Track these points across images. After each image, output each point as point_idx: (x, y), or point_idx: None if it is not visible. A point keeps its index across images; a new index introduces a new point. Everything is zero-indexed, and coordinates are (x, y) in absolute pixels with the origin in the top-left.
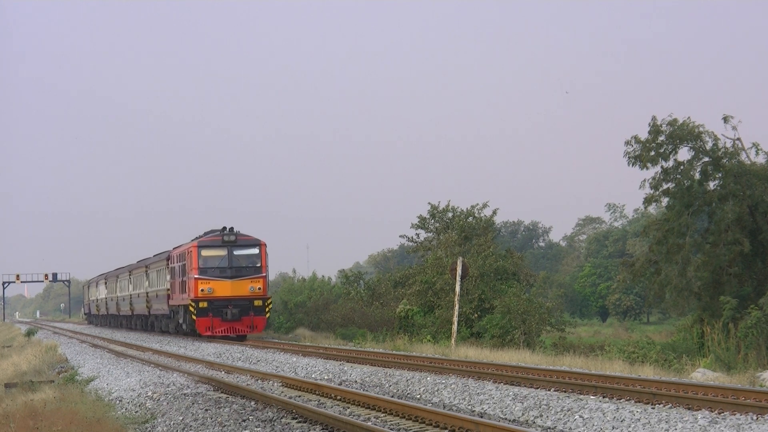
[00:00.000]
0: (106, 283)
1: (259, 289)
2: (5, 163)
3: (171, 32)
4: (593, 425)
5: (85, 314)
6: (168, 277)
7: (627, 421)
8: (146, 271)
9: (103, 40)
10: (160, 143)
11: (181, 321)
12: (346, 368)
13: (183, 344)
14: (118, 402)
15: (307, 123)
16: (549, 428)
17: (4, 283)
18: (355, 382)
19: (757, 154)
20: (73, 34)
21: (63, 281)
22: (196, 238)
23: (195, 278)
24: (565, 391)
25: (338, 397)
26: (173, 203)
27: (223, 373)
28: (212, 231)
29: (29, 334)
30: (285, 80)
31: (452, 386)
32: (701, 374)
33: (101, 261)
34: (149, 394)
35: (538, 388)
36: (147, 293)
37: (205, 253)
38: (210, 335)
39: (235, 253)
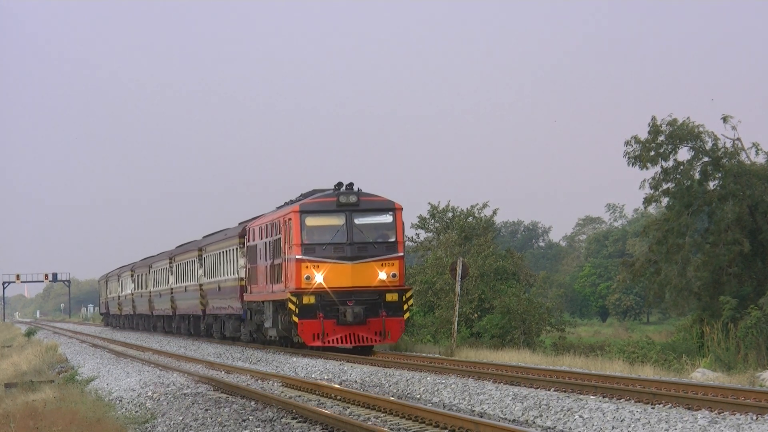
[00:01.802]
0: (132, 276)
1: (394, 276)
2: (5, 163)
3: (171, 30)
4: (593, 425)
5: (101, 314)
6: (241, 262)
7: (627, 421)
8: (200, 255)
9: (103, 40)
10: (160, 143)
11: (267, 324)
12: (346, 368)
13: (183, 344)
14: (118, 402)
15: (308, 120)
16: (549, 428)
17: (4, 283)
18: (355, 382)
19: (757, 154)
20: (74, 34)
21: (63, 281)
22: (293, 201)
23: (297, 260)
24: (565, 391)
25: (338, 397)
26: (174, 203)
27: (223, 373)
28: (316, 191)
29: (29, 334)
30: (286, 80)
31: (452, 386)
32: (701, 374)
33: (101, 261)
34: (149, 394)
35: (538, 388)
36: (201, 286)
37: (311, 221)
38: (320, 345)
39: (358, 221)
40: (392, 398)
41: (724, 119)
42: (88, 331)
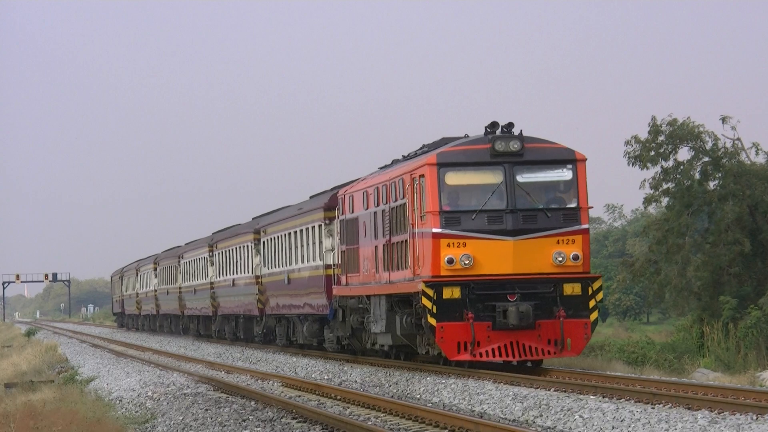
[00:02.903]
0: (155, 270)
1: (576, 258)
2: (5, 162)
3: (170, 28)
4: (593, 425)
5: (114, 314)
6: (327, 244)
7: (627, 421)
8: (257, 239)
9: (104, 40)
10: (160, 143)
11: (374, 327)
12: (346, 368)
13: (183, 344)
14: (118, 402)
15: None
16: (549, 428)
17: (4, 283)
18: (355, 382)
19: (757, 154)
20: (74, 33)
21: (63, 281)
22: (420, 151)
23: (434, 235)
24: (565, 391)
25: (338, 397)
26: (174, 203)
27: (223, 373)
28: (453, 138)
29: (29, 334)
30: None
31: (452, 386)
32: (701, 374)
33: (101, 261)
34: (149, 394)
35: (538, 388)
36: (257, 278)
37: (454, 178)
38: (469, 360)
39: (523, 178)
40: (392, 398)
41: (723, 119)
42: (88, 331)
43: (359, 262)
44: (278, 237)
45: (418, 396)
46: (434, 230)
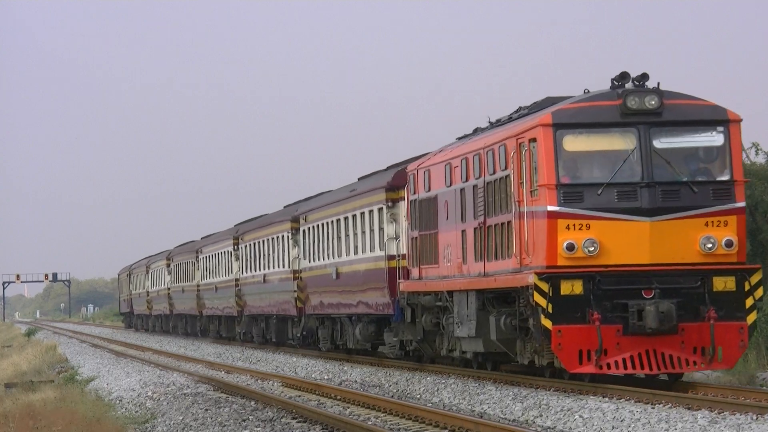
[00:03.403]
0: (168, 266)
1: (730, 244)
2: (5, 162)
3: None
4: (593, 425)
5: (122, 314)
6: (390, 230)
7: (627, 421)
8: (294, 228)
9: (103, 40)
10: (160, 143)
11: (459, 331)
12: (346, 368)
13: (183, 344)
14: (118, 402)
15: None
16: (549, 428)
17: (4, 283)
18: (355, 382)
19: (757, 154)
20: (74, 33)
21: (63, 281)
22: (527, 112)
23: (549, 214)
24: (565, 391)
25: (338, 397)
26: (174, 203)
27: (223, 373)
28: (561, 98)
29: (29, 334)
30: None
31: (452, 386)
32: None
33: (101, 261)
34: (149, 394)
35: (538, 388)
36: (295, 273)
37: (575, 142)
38: (595, 372)
39: (660, 144)
40: (392, 398)
41: None
42: (88, 331)
43: (438, 250)
44: (323, 225)
45: (418, 396)
46: (550, 208)
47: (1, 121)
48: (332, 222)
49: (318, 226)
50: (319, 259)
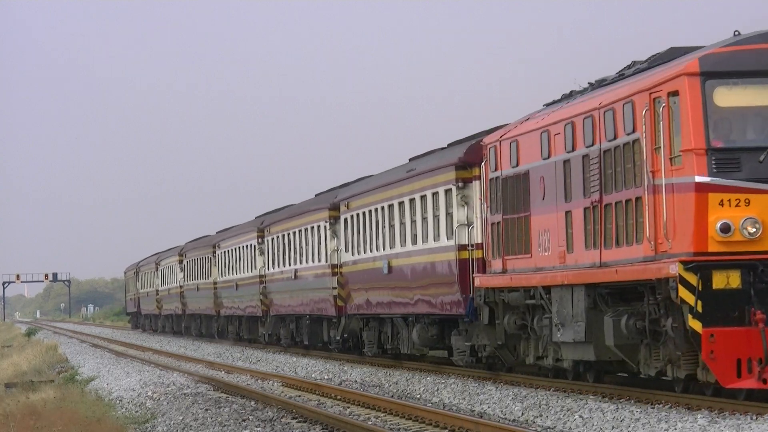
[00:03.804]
0: (181, 263)
1: None
2: (5, 162)
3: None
4: (593, 425)
5: (128, 314)
6: (461, 215)
7: (627, 421)
8: (333, 217)
9: (104, 40)
10: (160, 143)
11: (559, 335)
12: (346, 368)
13: (183, 344)
14: (118, 402)
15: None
16: (549, 428)
17: (4, 283)
18: (355, 382)
19: None
20: (75, 34)
21: (63, 281)
22: (645, 66)
23: (698, 186)
24: (564, 391)
25: (338, 397)
26: (175, 203)
27: (223, 372)
28: (687, 49)
29: (29, 334)
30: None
31: (452, 386)
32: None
33: (101, 261)
34: (149, 393)
35: (538, 388)
36: (333, 267)
37: (728, 96)
38: (759, 388)
39: None
40: (392, 398)
41: None
42: (88, 331)
43: (531, 237)
44: (370, 212)
45: (418, 396)
46: (698, 179)
47: (1, 121)
48: (382, 208)
49: (364, 213)
50: (365, 252)
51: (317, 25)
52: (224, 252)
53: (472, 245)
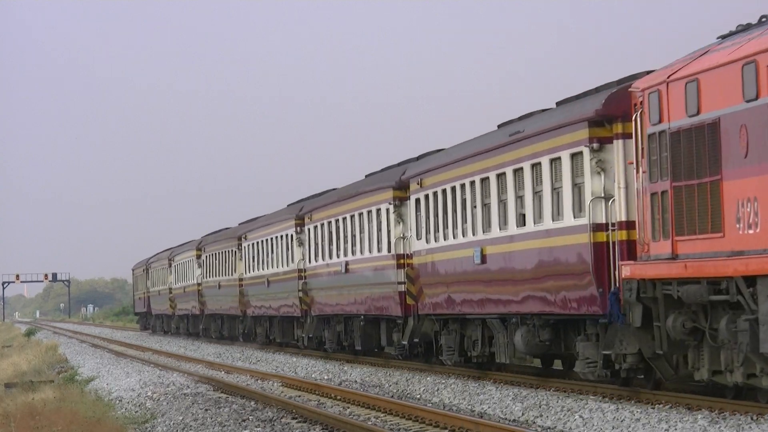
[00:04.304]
0: (199, 258)
1: None
2: (5, 162)
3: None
4: (593, 425)
5: (136, 314)
6: (598, 184)
7: (627, 421)
8: (401, 198)
9: (104, 40)
10: (160, 143)
11: None
12: (346, 368)
13: (183, 344)
14: (118, 402)
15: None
16: (549, 428)
17: (3, 283)
18: (355, 382)
19: None
20: (75, 34)
21: (63, 281)
22: None
23: None
24: (564, 391)
25: (338, 397)
26: (175, 203)
27: (223, 373)
28: None
29: (29, 334)
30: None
31: (452, 386)
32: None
33: (101, 261)
34: (149, 394)
35: (538, 388)
36: (401, 257)
37: None
38: None
39: None
40: (392, 398)
41: None
42: (88, 331)
43: (722, 209)
44: (453, 190)
45: (418, 396)
46: None
47: (1, 121)
48: (472, 183)
49: (444, 191)
50: (445, 238)
51: (317, 25)
52: (252, 244)
53: (613, 224)
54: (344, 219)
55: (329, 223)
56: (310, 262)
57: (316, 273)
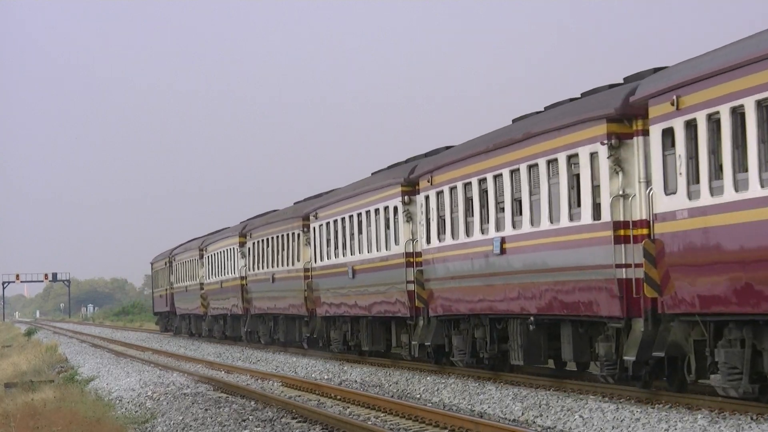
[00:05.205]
0: (243, 245)
1: None
2: (5, 162)
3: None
4: (593, 425)
5: (156, 314)
6: None
7: (627, 421)
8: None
9: (104, 40)
10: (160, 142)
11: None
12: (346, 368)
13: (183, 344)
14: (118, 402)
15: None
16: (549, 428)
17: (4, 283)
18: (355, 382)
19: None
20: (75, 34)
21: (63, 281)
22: None
23: None
24: (565, 391)
25: (338, 397)
26: (175, 203)
27: (223, 372)
28: None
29: (29, 334)
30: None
31: (452, 386)
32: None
33: (102, 260)
34: (149, 393)
35: (538, 388)
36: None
37: None
38: None
39: None
40: (392, 398)
41: None
42: (88, 331)
43: None
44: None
45: (418, 396)
46: None
47: (1, 121)
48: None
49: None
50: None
51: (317, 25)
52: (324, 225)
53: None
54: (482, 180)
55: (451, 190)
56: (427, 243)
57: (444, 255)
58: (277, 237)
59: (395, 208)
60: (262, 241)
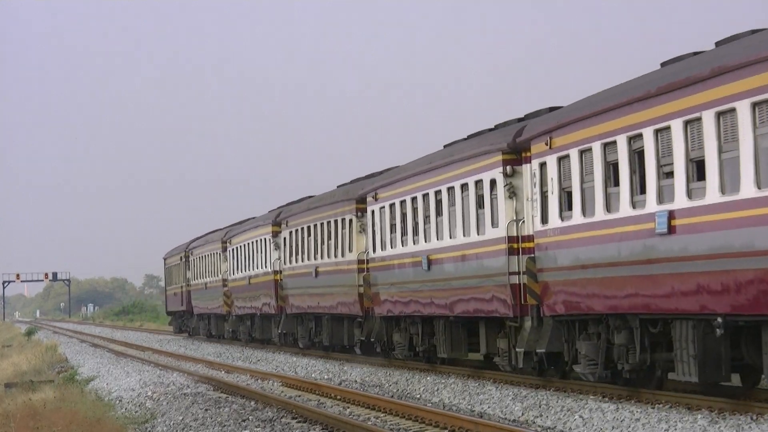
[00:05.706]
0: (276, 234)
1: None
2: (5, 161)
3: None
4: (593, 425)
5: (169, 314)
6: None
7: (627, 421)
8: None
9: (103, 35)
10: (160, 142)
11: None
12: (346, 368)
13: (183, 344)
14: (118, 402)
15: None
16: (549, 428)
17: (4, 283)
18: (355, 382)
19: None
20: (75, 29)
21: (63, 281)
22: None
23: None
24: (565, 391)
25: (338, 397)
26: (175, 203)
27: (223, 372)
28: None
29: (29, 333)
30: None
31: (452, 386)
32: None
33: (102, 260)
34: (149, 393)
35: (538, 388)
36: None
37: None
38: None
39: None
40: (392, 398)
41: None
42: (88, 331)
43: None
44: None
45: (418, 396)
46: None
47: (1, 120)
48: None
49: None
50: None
51: (318, 26)
52: (387, 207)
53: None
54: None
55: (565, 159)
56: (540, 224)
57: (560, 239)
58: (322, 224)
59: (492, 182)
60: (302, 229)
